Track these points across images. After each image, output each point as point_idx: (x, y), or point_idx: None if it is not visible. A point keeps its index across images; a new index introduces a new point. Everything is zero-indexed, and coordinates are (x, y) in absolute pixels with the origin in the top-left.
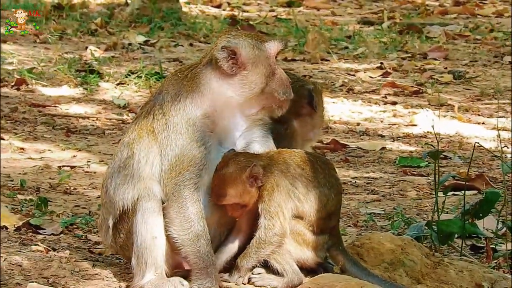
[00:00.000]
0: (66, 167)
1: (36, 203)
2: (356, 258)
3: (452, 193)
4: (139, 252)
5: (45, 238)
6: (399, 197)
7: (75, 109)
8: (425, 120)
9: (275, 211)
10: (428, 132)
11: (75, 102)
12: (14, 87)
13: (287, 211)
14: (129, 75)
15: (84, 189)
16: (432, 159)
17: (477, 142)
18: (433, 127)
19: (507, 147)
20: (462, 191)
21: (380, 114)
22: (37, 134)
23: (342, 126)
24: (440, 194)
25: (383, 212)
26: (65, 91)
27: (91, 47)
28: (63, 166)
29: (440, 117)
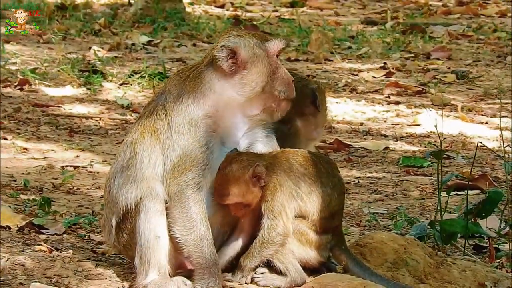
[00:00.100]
0: (69, 167)
1: (39, 203)
2: (359, 258)
3: (455, 193)
4: (142, 252)
5: (48, 238)
6: (402, 197)
7: (78, 109)
8: (428, 120)
9: (278, 211)
10: (431, 132)
11: (78, 102)
12: (18, 87)
13: (290, 211)
14: (132, 75)
15: (87, 189)
16: (435, 159)
17: (480, 142)
18: (436, 127)
19: (510, 147)
20: (465, 191)
21: (383, 114)
22: (40, 134)
23: (345, 126)
24: (443, 194)
25: (386, 212)
26: (69, 91)
27: (95, 47)
28: (66, 166)
29: (443, 117)
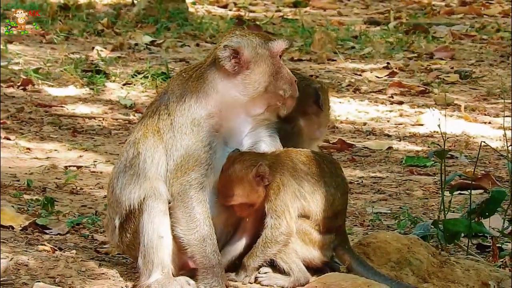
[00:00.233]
0: (73, 167)
1: (43, 203)
2: (363, 257)
3: (459, 192)
4: (146, 252)
5: (52, 238)
6: (406, 197)
7: (82, 109)
8: (432, 120)
9: (282, 210)
10: (435, 132)
11: (82, 102)
12: (20, 87)
13: (294, 210)
14: (136, 75)
15: (91, 189)
16: (439, 159)
17: (484, 142)
18: (440, 127)
19: None
20: (468, 190)
21: (387, 114)
22: (44, 134)
23: (349, 126)
24: (447, 193)
25: (390, 212)
26: (72, 91)
27: (98, 47)
28: (70, 166)
29: (447, 117)
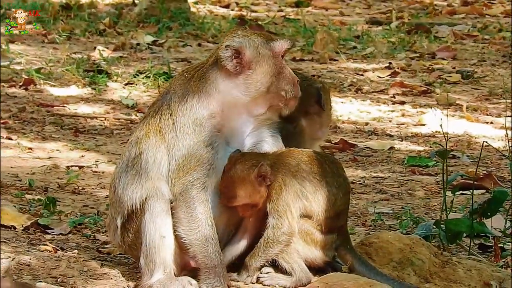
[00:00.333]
0: (75, 167)
1: (45, 203)
2: (365, 257)
3: (461, 192)
4: (148, 252)
5: (54, 238)
6: (408, 197)
7: (84, 109)
8: (434, 120)
9: (283, 210)
10: (437, 132)
11: (84, 102)
12: (22, 87)
13: (295, 210)
14: (137, 75)
15: (93, 189)
16: (441, 159)
17: (486, 142)
18: (442, 127)
19: None
20: (470, 190)
21: (389, 114)
22: (45, 134)
23: (351, 126)
24: (449, 194)
25: (392, 212)
26: (74, 91)
27: (100, 47)
28: (72, 166)
29: (449, 117)
